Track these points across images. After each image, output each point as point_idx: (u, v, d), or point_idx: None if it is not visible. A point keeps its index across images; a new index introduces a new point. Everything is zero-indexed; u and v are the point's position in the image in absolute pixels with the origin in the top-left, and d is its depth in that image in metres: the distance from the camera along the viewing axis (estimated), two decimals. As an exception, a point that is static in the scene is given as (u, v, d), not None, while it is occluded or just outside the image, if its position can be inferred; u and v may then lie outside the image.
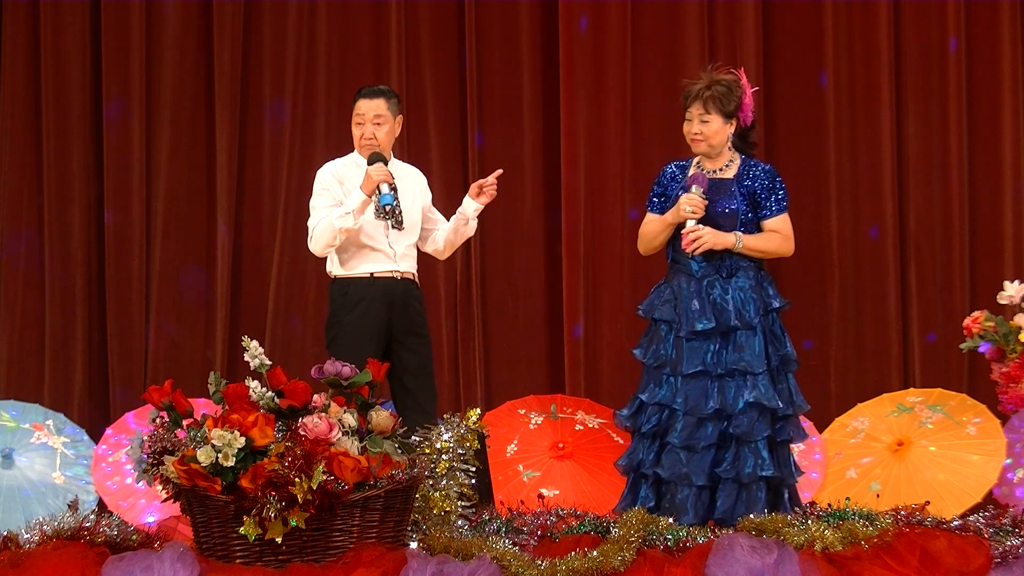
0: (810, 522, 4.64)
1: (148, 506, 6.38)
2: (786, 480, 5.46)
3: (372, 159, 5.81)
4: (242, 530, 4.39)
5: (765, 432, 5.39)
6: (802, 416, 5.67)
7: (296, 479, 4.33)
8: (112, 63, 7.82)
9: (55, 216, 7.80)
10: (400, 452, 4.58)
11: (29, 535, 4.57)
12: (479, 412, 4.95)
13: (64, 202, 7.82)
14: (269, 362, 4.62)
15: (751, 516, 4.74)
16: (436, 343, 6.87)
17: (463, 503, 4.82)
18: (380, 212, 5.72)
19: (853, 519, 4.67)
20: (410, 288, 5.93)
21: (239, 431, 4.39)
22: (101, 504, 6.52)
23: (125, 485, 6.49)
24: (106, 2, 7.84)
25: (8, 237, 7.81)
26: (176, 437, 4.56)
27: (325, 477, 4.36)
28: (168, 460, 4.47)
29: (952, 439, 6.50)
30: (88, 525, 4.57)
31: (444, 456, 4.82)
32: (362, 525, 4.48)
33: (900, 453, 6.51)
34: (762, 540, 4.51)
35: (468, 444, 4.87)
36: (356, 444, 4.49)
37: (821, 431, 6.68)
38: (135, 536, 4.59)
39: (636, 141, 7.86)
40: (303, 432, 4.43)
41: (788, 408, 5.45)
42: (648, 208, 5.68)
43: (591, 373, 7.75)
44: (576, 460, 6.53)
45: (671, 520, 4.94)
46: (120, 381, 7.72)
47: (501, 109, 7.93)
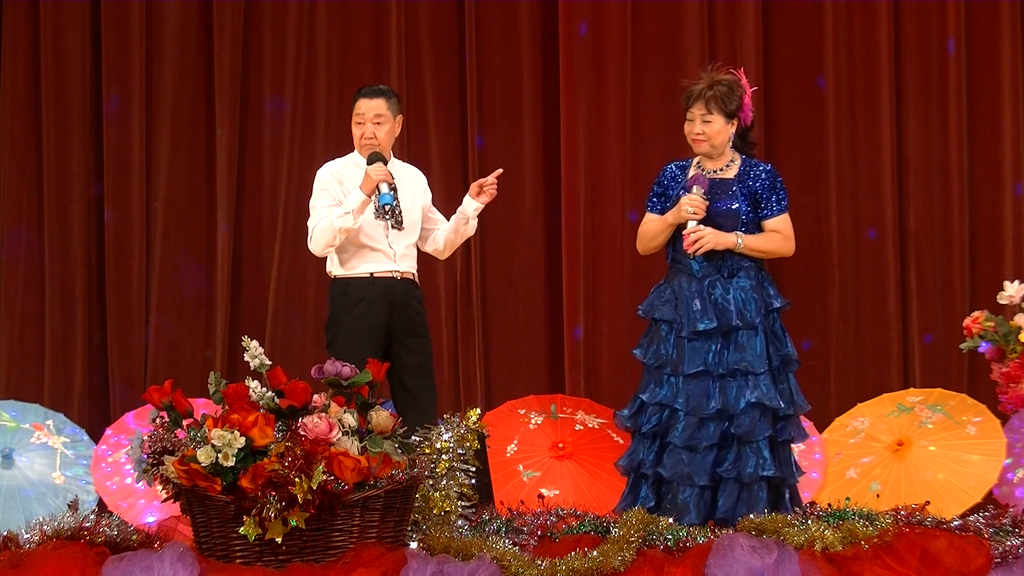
0: (810, 522, 4.64)
1: (148, 506, 6.38)
2: (787, 480, 5.46)
3: (371, 159, 5.80)
4: (242, 530, 4.38)
5: (767, 432, 5.39)
6: (802, 416, 5.67)
7: (296, 479, 4.33)
8: (112, 63, 7.82)
9: (55, 216, 7.80)
10: (400, 452, 4.58)
11: (29, 535, 4.56)
12: (479, 412, 4.95)
13: (64, 202, 7.81)
14: (269, 362, 4.62)
15: (752, 516, 4.74)
16: (436, 343, 6.86)
17: (463, 503, 4.82)
18: (380, 212, 5.72)
19: (853, 519, 4.66)
20: (410, 288, 5.93)
21: (239, 431, 4.39)
22: (101, 504, 6.52)
23: (125, 485, 6.48)
24: (106, 2, 7.84)
25: (8, 237, 7.80)
26: (176, 437, 4.55)
27: (325, 477, 4.35)
28: (168, 460, 4.47)
29: (952, 439, 6.50)
30: (88, 525, 4.56)
31: (444, 456, 4.82)
32: (362, 525, 4.48)
33: (900, 453, 6.51)
34: (762, 540, 4.50)
35: (468, 444, 4.87)
36: (356, 444, 4.49)
37: (821, 431, 6.68)
38: (135, 536, 4.59)
39: (636, 141, 7.86)
40: (303, 432, 4.43)
41: (789, 408, 5.46)
42: (648, 208, 5.68)
43: (591, 373, 7.74)
44: (576, 460, 6.53)
45: (672, 520, 4.94)
46: (120, 381, 7.71)
47: (501, 109, 7.92)
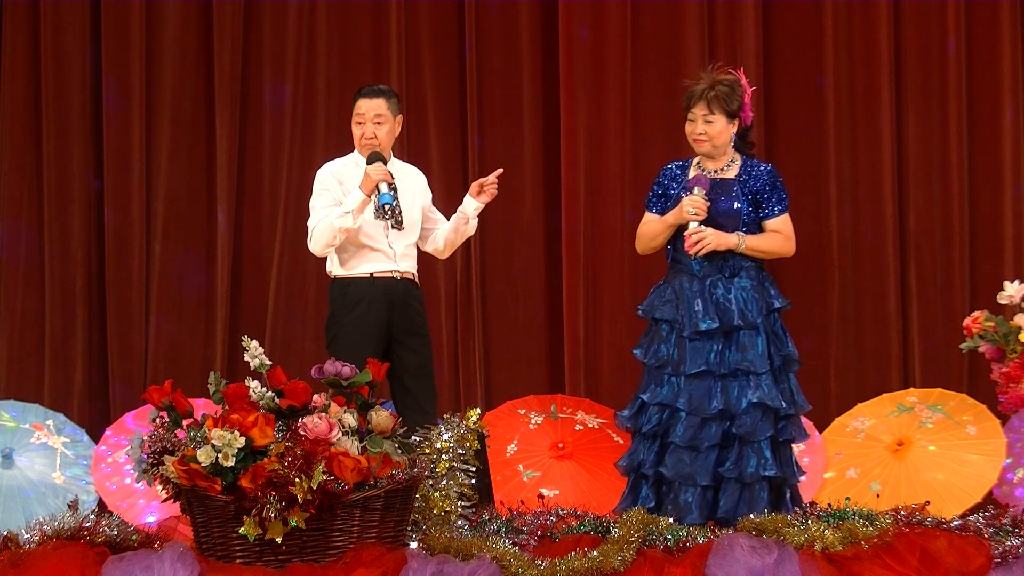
0: (810, 522, 4.64)
1: (147, 506, 6.38)
2: (788, 480, 5.46)
3: (371, 159, 5.80)
4: (242, 530, 4.38)
5: (768, 432, 5.38)
6: (802, 416, 5.67)
7: (296, 479, 4.32)
8: (112, 63, 7.82)
9: (55, 216, 7.80)
10: (400, 452, 4.58)
11: (29, 535, 4.56)
12: (479, 412, 4.95)
13: (64, 202, 7.81)
14: (269, 362, 4.62)
15: (752, 516, 4.74)
16: (436, 343, 6.86)
17: (463, 503, 4.82)
18: (379, 212, 5.72)
19: (853, 519, 4.67)
20: (410, 288, 5.93)
21: (239, 431, 4.39)
22: (101, 504, 6.51)
23: (124, 485, 6.48)
24: (106, 2, 7.84)
25: (8, 237, 7.80)
26: (176, 437, 4.55)
27: (325, 477, 4.35)
28: (168, 460, 4.47)
29: (952, 439, 6.50)
30: (88, 525, 4.56)
31: (444, 456, 4.82)
32: (362, 525, 4.48)
33: (900, 453, 6.51)
34: (762, 540, 4.50)
35: (468, 444, 4.87)
36: (356, 444, 4.49)
37: (821, 431, 6.68)
38: (135, 536, 4.59)
39: (636, 141, 7.86)
40: (303, 432, 4.43)
41: (791, 408, 5.45)
42: (647, 207, 5.67)
43: (591, 373, 7.74)
44: (576, 460, 6.53)
45: (674, 520, 4.95)
46: (120, 381, 7.71)
47: (501, 109, 7.92)
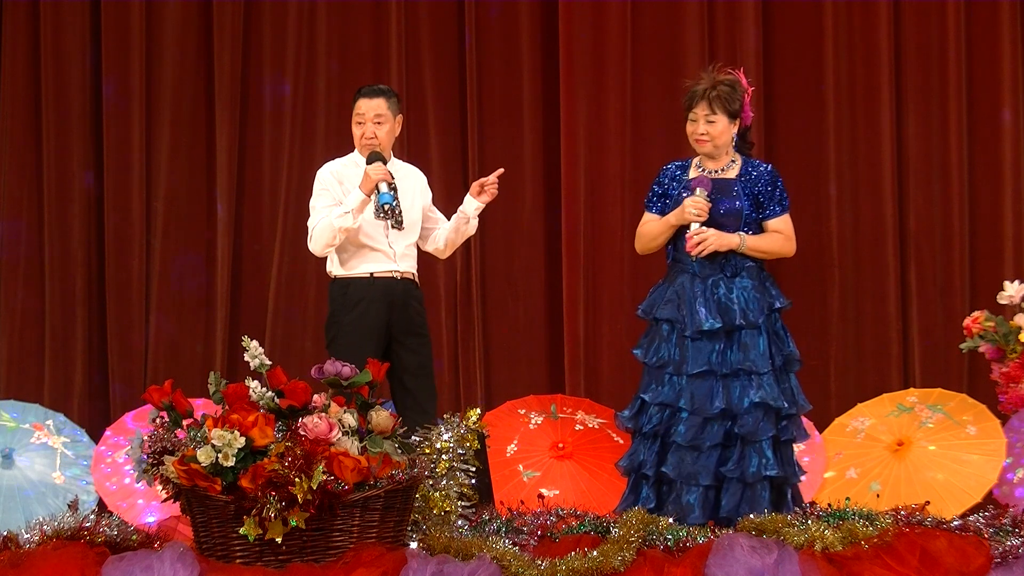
0: (810, 522, 4.64)
1: (147, 506, 6.38)
2: (790, 480, 5.46)
3: (371, 158, 5.80)
4: (242, 530, 4.38)
5: (770, 432, 5.38)
6: (802, 416, 5.66)
7: (296, 479, 4.32)
8: (112, 63, 7.82)
9: (55, 216, 7.80)
10: (400, 452, 4.58)
11: (29, 535, 4.56)
12: (479, 412, 4.95)
13: (64, 202, 7.81)
14: (269, 362, 4.62)
15: (752, 516, 4.74)
16: (436, 343, 6.86)
17: (463, 503, 4.82)
18: (379, 212, 5.72)
19: (853, 519, 4.66)
20: (410, 288, 5.93)
21: (239, 431, 4.39)
22: (101, 504, 6.52)
23: (124, 485, 6.48)
24: (106, 2, 7.84)
25: (8, 237, 7.80)
26: (176, 437, 4.55)
27: (325, 477, 4.35)
28: (168, 460, 4.47)
29: (952, 439, 6.50)
30: (88, 525, 4.56)
31: (444, 456, 4.82)
32: (362, 525, 4.48)
33: (900, 453, 6.51)
34: (762, 540, 4.50)
35: (468, 444, 4.86)
36: (356, 444, 4.49)
37: (821, 431, 6.68)
38: (135, 536, 4.59)
39: (636, 141, 7.86)
40: (303, 432, 4.43)
41: (792, 408, 5.46)
42: (647, 207, 5.67)
43: (591, 373, 7.74)
44: (576, 460, 6.52)
45: (677, 520, 4.95)
46: (120, 381, 7.71)
47: (501, 109, 7.92)
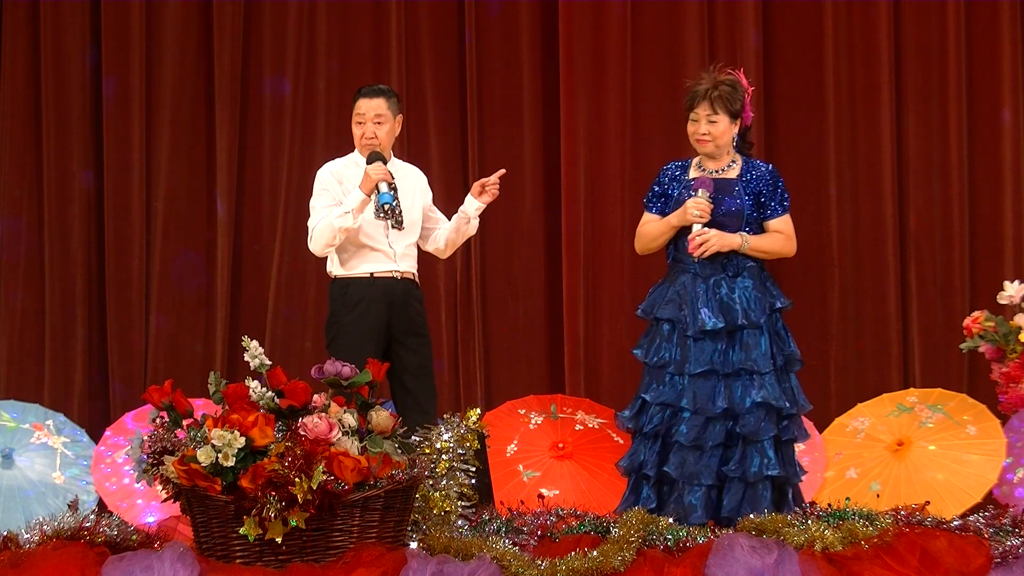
0: (810, 522, 4.64)
1: (146, 506, 6.38)
2: (791, 479, 5.46)
3: (371, 158, 5.80)
4: (242, 530, 4.38)
5: (771, 432, 5.38)
6: (802, 416, 5.67)
7: (296, 479, 4.32)
8: (112, 63, 7.82)
9: (55, 216, 7.80)
10: (400, 452, 4.58)
11: (29, 535, 4.56)
12: (479, 412, 4.95)
13: (64, 202, 7.81)
14: (269, 362, 4.62)
15: (752, 516, 4.74)
16: (436, 343, 6.86)
17: (463, 503, 4.82)
18: (379, 212, 5.72)
19: (853, 519, 4.66)
20: (410, 288, 5.92)
21: (239, 431, 4.39)
22: (101, 504, 6.52)
23: (123, 486, 6.48)
24: (106, 2, 7.83)
25: (8, 237, 7.80)
26: (176, 437, 4.55)
27: (325, 477, 4.35)
28: (168, 460, 4.47)
29: (952, 439, 6.50)
30: (88, 525, 4.56)
31: (444, 456, 4.82)
32: (362, 525, 4.48)
33: (900, 453, 6.51)
34: (762, 540, 4.50)
35: (468, 444, 4.86)
36: (356, 444, 4.49)
37: (821, 431, 6.68)
38: (135, 536, 4.59)
39: (636, 141, 7.85)
40: (303, 432, 4.43)
41: (793, 408, 5.46)
42: (646, 207, 5.67)
43: (591, 373, 7.74)
44: (576, 460, 6.52)
45: (678, 520, 4.96)
46: (120, 381, 7.71)
47: (501, 109, 7.92)
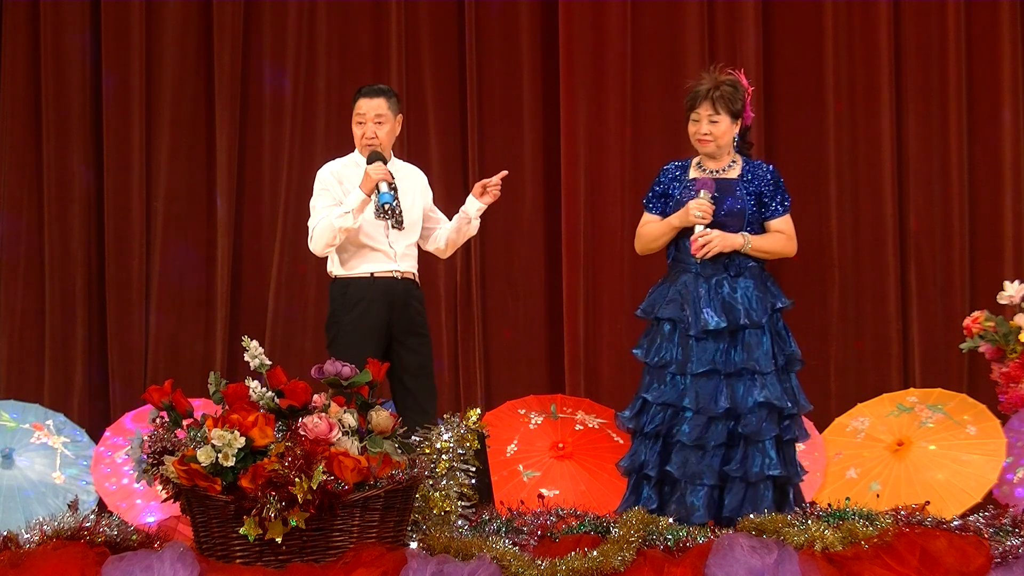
0: (810, 522, 4.64)
1: (146, 506, 6.38)
2: (792, 479, 5.46)
3: (371, 158, 5.80)
4: (242, 530, 4.38)
5: (773, 432, 5.39)
6: (802, 415, 5.67)
7: (296, 479, 4.32)
8: (112, 63, 7.82)
9: (55, 216, 7.80)
10: (400, 452, 4.58)
11: (29, 535, 4.56)
12: (479, 412, 4.95)
13: (64, 202, 7.81)
14: (269, 362, 4.62)
15: (752, 516, 4.74)
16: (436, 343, 6.86)
17: (463, 503, 4.82)
18: (380, 211, 5.72)
19: (853, 519, 4.66)
20: (410, 288, 5.93)
21: (239, 431, 4.39)
22: (101, 504, 6.52)
23: (123, 486, 6.48)
24: (106, 2, 7.84)
25: (8, 237, 7.80)
26: (176, 437, 4.55)
27: (325, 477, 4.35)
28: (168, 460, 4.47)
29: (952, 439, 6.50)
30: (88, 525, 4.57)
31: (444, 456, 4.82)
32: (362, 525, 4.48)
33: (900, 453, 6.51)
34: (762, 540, 4.50)
35: (468, 444, 4.87)
36: (356, 444, 4.49)
37: (821, 431, 6.68)
38: (135, 536, 4.59)
39: (636, 141, 7.85)
40: (303, 432, 4.43)
41: (794, 407, 5.46)
42: (646, 207, 5.67)
43: (591, 373, 7.74)
44: (576, 460, 6.52)
45: (681, 520, 4.96)
46: (120, 381, 7.71)
47: (501, 109, 7.92)
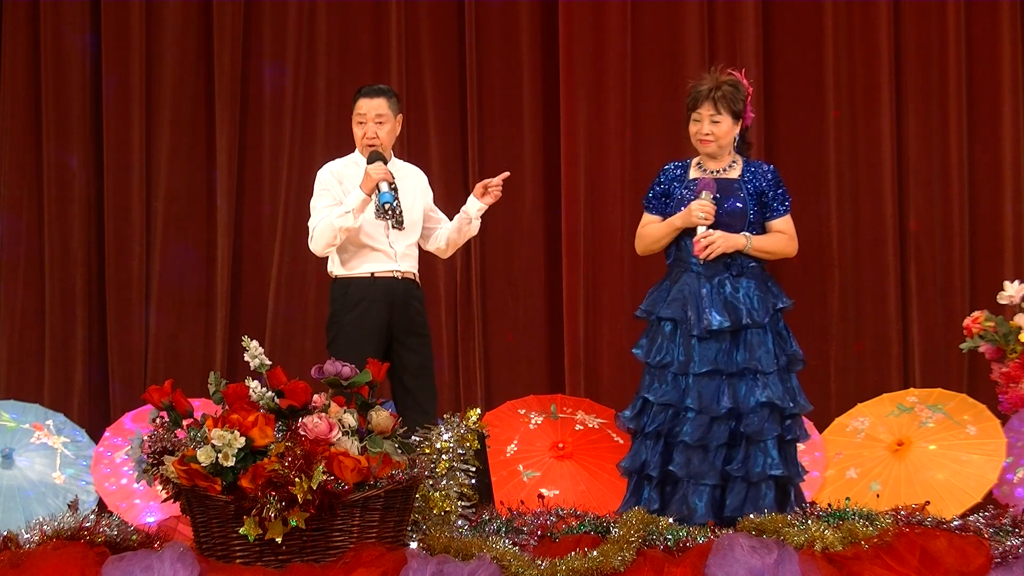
0: (810, 522, 4.64)
1: (145, 507, 6.38)
2: (793, 479, 5.47)
3: (371, 158, 5.81)
4: (242, 530, 4.38)
5: (775, 431, 5.39)
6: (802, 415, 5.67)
7: (296, 479, 4.32)
8: (112, 63, 7.82)
9: (55, 216, 7.80)
10: (400, 452, 4.58)
11: (29, 535, 4.56)
12: (479, 412, 4.95)
13: (64, 202, 7.81)
14: (269, 362, 4.62)
15: (751, 516, 4.74)
16: (436, 343, 6.86)
17: (463, 503, 4.82)
18: (380, 211, 5.72)
19: (853, 519, 4.66)
20: (411, 288, 5.93)
21: (239, 431, 4.39)
22: (101, 504, 6.52)
23: (122, 486, 6.48)
24: (106, 2, 7.84)
25: (8, 237, 7.80)
26: (176, 437, 4.55)
27: (325, 477, 4.35)
28: (168, 460, 4.47)
29: (952, 439, 6.50)
30: (88, 525, 4.56)
31: (444, 456, 4.82)
32: (362, 525, 4.48)
33: (900, 453, 6.51)
34: (762, 540, 4.50)
35: (468, 444, 4.87)
36: (356, 444, 4.49)
37: (821, 431, 6.68)
38: (135, 536, 4.59)
39: (636, 141, 7.85)
40: (303, 432, 4.43)
41: (796, 407, 5.46)
42: (646, 208, 5.66)
43: (591, 373, 7.74)
44: (576, 460, 6.52)
45: (683, 520, 4.96)
46: (120, 381, 7.71)
47: (501, 109, 7.92)
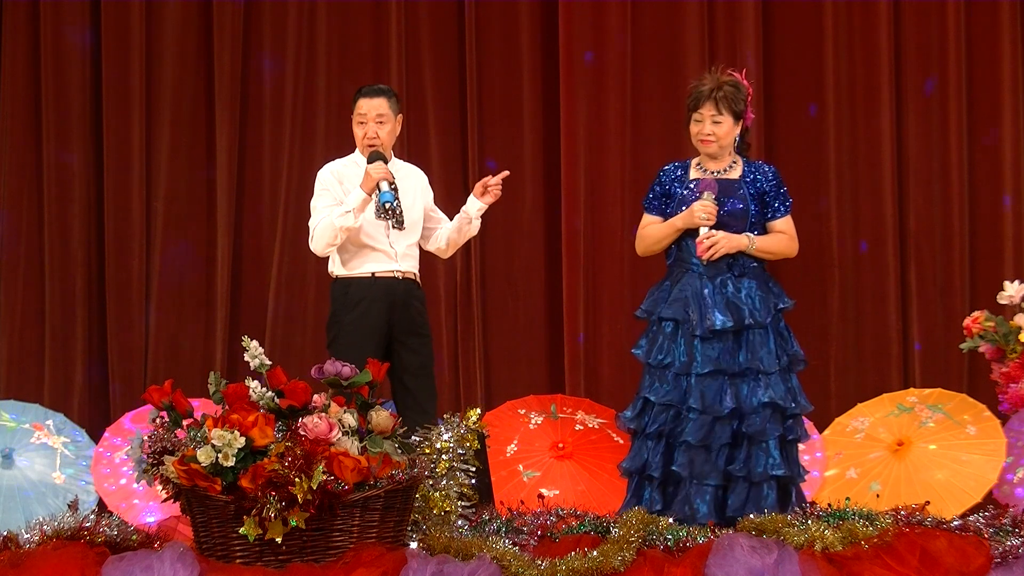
0: (810, 522, 4.64)
1: (145, 507, 6.38)
2: (795, 479, 5.47)
3: (371, 158, 5.81)
4: (242, 530, 4.38)
5: (777, 432, 5.39)
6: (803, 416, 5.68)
7: (296, 479, 4.32)
8: (112, 63, 7.82)
9: (55, 216, 7.80)
10: (400, 452, 4.58)
11: (29, 535, 4.56)
12: (479, 412, 4.95)
13: (64, 202, 7.81)
14: (269, 362, 4.62)
15: (752, 516, 4.74)
16: (436, 343, 6.85)
17: (463, 503, 4.82)
18: (380, 211, 5.72)
19: (853, 519, 4.66)
20: (411, 288, 5.93)
21: (239, 431, 4.39)
22: (101, 504, 6.52)
23: (121, 486, 6.48)
24: (106, 2, 7.84)
25: (8, 237, 7.80)
26: (176, 437, 4.55)
27: (325, 477, 4.35)
28: (168, 460, 4.47)
29: (952, 439, 6.50)
30: (88, 525, 4.57)
31: (444, 456, 4.82)
32: (362, 525, 4.48)
33: (900, 453, 6.51)
34: (762, 540, 4.50)
35: (468, 444, 4.87)
36: (356, 444, 4.49)
37: (821, 431, 6.68)
38: (135, 536, 4.59)
39: (636, 141, 7.85)
40: (303, 432, 4.43)
41: (797, 408, 5.47)
42: (646, 208, 5.66)
43: (591, 373, 7.74)
44: (576, 460, 6.52)
45: (685, 519, 4.97)
46: (120, 381, 7.71)
47: (501, 109, 7.92)
